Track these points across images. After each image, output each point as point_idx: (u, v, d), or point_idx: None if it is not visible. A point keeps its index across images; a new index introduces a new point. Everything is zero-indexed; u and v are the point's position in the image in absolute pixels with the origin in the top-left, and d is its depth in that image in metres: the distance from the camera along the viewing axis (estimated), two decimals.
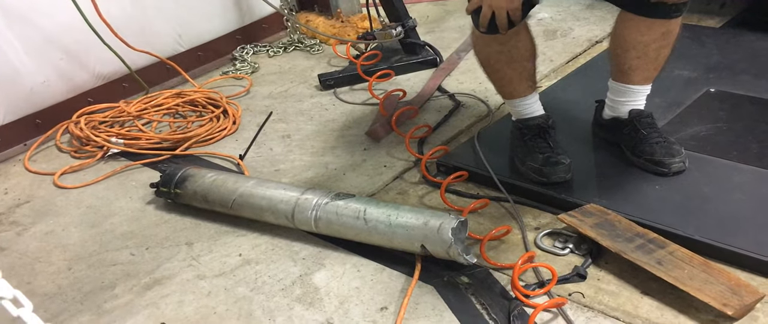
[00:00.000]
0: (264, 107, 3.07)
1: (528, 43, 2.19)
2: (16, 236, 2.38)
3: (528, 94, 2.29)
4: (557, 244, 2.01)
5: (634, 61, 2.17)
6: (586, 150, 2.39)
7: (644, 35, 2.12)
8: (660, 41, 2.13)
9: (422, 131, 2.64)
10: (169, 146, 2.79)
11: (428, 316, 1.81)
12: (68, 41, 2.97)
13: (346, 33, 3.64)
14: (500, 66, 2.23)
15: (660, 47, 2.15)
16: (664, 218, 1.97)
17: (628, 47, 2.16)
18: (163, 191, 2.37)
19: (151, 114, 3.01)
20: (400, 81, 3.14)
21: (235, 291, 1.99)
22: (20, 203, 2.57)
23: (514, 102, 2.31)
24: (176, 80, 3.38)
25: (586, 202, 2.08)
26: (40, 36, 2.89)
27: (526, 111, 2.31)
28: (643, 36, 2.13)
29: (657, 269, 1.77)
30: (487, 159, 2.35)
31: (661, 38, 2.13)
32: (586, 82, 2.87)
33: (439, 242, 1.90)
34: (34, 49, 2.88)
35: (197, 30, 3.47)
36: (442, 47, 3.34)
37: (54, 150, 2.91)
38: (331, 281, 1.99)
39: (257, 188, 2.21)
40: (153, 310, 1.96)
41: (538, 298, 1.81)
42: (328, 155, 2.64)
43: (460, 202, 2.24)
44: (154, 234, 2.30)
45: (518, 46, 2.17)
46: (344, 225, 2.05)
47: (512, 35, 2.10)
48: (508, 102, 2.35)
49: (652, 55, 2.16)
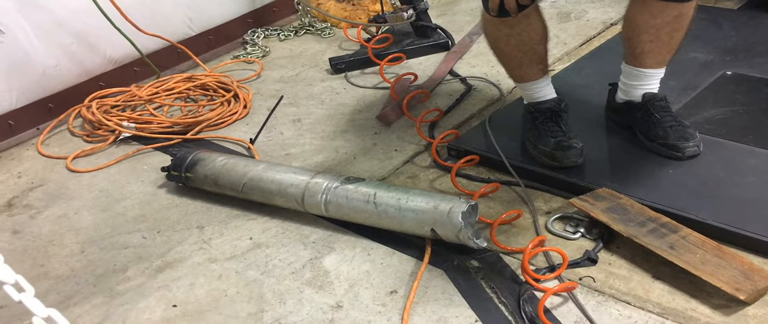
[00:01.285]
0: (275, 91, 3.06)
1: (539, 27, 2.17)
2: (29, 219, 2.39)
3: (539, 78, 2.27)
4: (568, 228, 2.00)
5: (647, 44, 2.15)
6: (599, 134, 2.37)
7: (657, 18, 2.09)
8: (673, 24, 2.10)
9: (433, 115, 2.63)
10: (180, 130, 2.79)
11: (438, 299, 1.81)
12: (79, 25, 2.97)
13: (357, 16, 3.62)
14: (510, 49, 2.21)
15: (673, 30, 2.12)
16: (677, 202, 1.95)
17: (641, 31, 2.13)
18: (175, 175, 2.38)
19: (163, 98, 3.01)
20: (411, 64, 3.13)
21: (246, 274, 2.00)
22: (33, 187, 2.58)
23: (526, 85, 2.29)
24: (187, 64, 3.37)
25: (597, 186, 2.06)
26: (51, 20, 2.90)
27: (538, 94, 2.29)
28: (655, 19, 2.10)
29: (669, 253, 1.76)
30: (499, 143, 2.33)
31: (674, 21, 2.10)
32: (599, 65, 2.85)
33: (449, 226, 1.89)
34: (44, 32, 2.88)
35: (208, 13, 3.47)
36: (454, 30, 3.32)
37: (66, 134, 2.92)
38: (341, 265, 1.99)
39: (267, 172, 2.21)
40: (164, 292, 1.97)
41: (548, 282, 1.80)
42: (339, 139, 2.64)
43: (470, 186, 2.23)
44: (165, 217, 2.31)
45: (528, 29, 2.15)
46: (354, 209, 2.04)
47: (522, 18, 2.08)
48: (520, 85, 2.33)
49: (665, 38, 2.13)
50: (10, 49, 2.79)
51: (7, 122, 2.85)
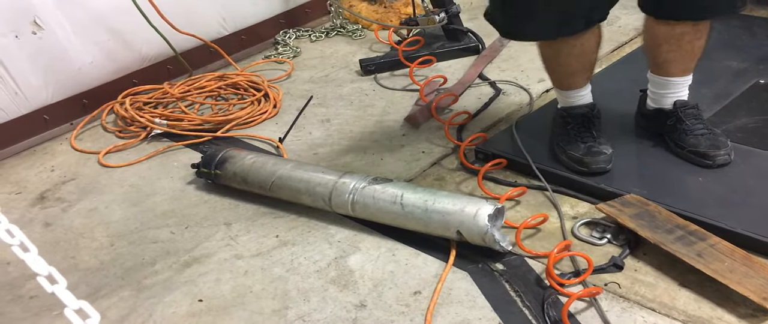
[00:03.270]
0: (304, 91, 3.09)
1: (598, 35, 2.15)
2: (61, 212, 2.44)
3: (585, 85, 2.25)
4: (595, 233, 1.99)
5: (669, 54, 2.12)
6: (629, 140, 2.35)
7: (675, 28, 2.06)
8: (692, 34, 2.07)
9: (462, 118, 2.63)
10: (210, 128, 2.82)
11: (461, 301, 1.81)
12: (116, 23, 3.02)
13: (388, 18, 3.64)
14: (569, 60, 2.17)
15: (693, 39, 2.08)
16: (706, 210, 1.93)
17: (661, 41, 2.11)
18: (204, 172, 2.40)
19: (194, 96, 3.05)
20: (441, 67, 3.13)
21: (272, 271, 2.02)
22: (66, 180, 2.63)
23: (570, 93, 2.26)
24: (219, 63, 3.41)
25: (625, 192, 2.05)
26: (89, 17, 2.95)
27: (578, 101, 2.26)
28: (673, 29, 2.07)
29: (696, 261, 1.74)
30: (526, 147, 2.33)
31: (694, 31, 2.07)
32: (630, 71, 2.82)
33: (475, 228, 1.89)
34: (82, 29, 2.94)
35: (242, 14, 3.50)
36: (484, 34, 3.31)
37: (99, 129, 2.97)
38: (365, 264, 1.99)
39: (296, 171, 2.23)
40: (191, 287, 1.99)
41: (573, 287, 1.79)
42: (367, 140, 2.65)
43: (497, 190, 2.23)
44: (193, 213, 2.34)
45: (591, 38, 2.12)
46: (381, 209, 2.05)
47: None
48: (563, 92, 2.29)
49: (686, 47, 2.09)
50: (48, 45, 2.84)
51: (43, 117, 2.91)
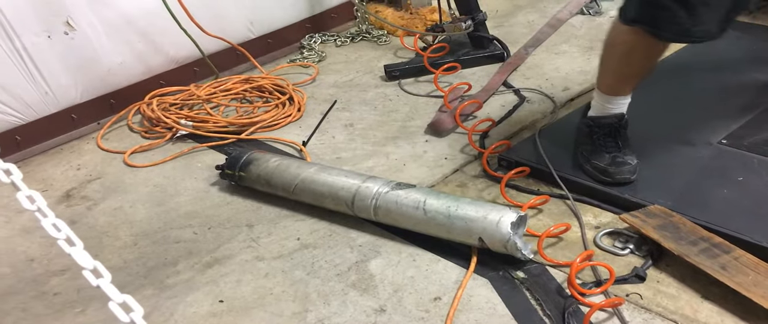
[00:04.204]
0: (329, 96, 3.10)
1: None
2: (86, 210, 2.46)
3: (629, 93, 2.22)
4: (617, 244, 1.98)
5: None
6: (654, 150, 2.33)
7: None
8: None
9: (485, 125, 2.62)
10: (234, 130, 2.84)
11: (481, 308, 1.81)
12: (146, 25, 3.05)
13: (414, 25, 3.64)
14: (642, 63, 2.11)
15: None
16: (731, 223, 1.91)
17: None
18: (228, 173, 2.42)
19: (220, 98, 3.07)
20: (465, 74, 3.13)
21: (292, 274, 2.03)
22: (91, 179, 2.66)
23: (616, 99, 2.22)
24: (245, 66, 3.43)
25: (649, 203, 2.04)
26: (121, 19, 2.98)
27: (617, 109, 2.23)
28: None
29: (720, 274, 1.73)
30: (550, 155, 2.32)
31: None
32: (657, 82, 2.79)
33: (497, 236, 1.89)
34: (114, 31, 2.97)
35: (269, 18, 3.53)
36: (510, 42, 3.31)
37: (125, 129, 3.00)
38: (386, 269, 2.00)
39: (319, 174, 2.24)
40: (212, 287, 2.01)
41: (594, 297, 1.79)
42: (390, 145, 2.66)
43: (519, 198, 2.23)
44: (216, 215, 2.35)
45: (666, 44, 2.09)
46: (403, 214, 2.05)
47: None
48: (605, 96, 2.23)
49: None
50: (79, 46, 2.88)
51: (71, 116, 2.95)
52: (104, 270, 1.04)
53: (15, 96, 2.76)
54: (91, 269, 1.09)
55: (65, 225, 1.13)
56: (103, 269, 1.10)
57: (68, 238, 1.11)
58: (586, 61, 3.12)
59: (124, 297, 1.06)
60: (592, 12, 3.60)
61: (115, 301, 1.05)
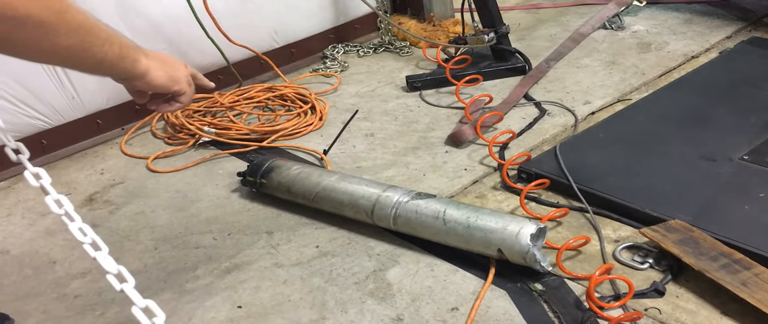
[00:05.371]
0: (350, 105, 3.12)
1: None
2: (108, 214, 2.50)
3: None
4: (637, 258, 1.97)
5: None
6: (675, 164, 2.32)
7: None
8: None
9: (505, 137, 2.63)
10: (256, 138, 2.87)
11: (499, 320, 1.81)
12: (173, 32, 3.09)
13: (436, 36, 3.65)
14: None
15: None
16: (753, 239, 1.90)
17: None
18: (250, 180, 2.44)
19: (243, 106, 3.10)
20: (487, 86, 3.13)
21: (310, 281, 2.04)
22: (114, 184, 2.69)
23: None
24: (268, 75, 3.46)
25: (670, 217, 2.02)
26: (149, 25, 3.02)
27: None
28: None
29: (740, 290, 1.72)
30: (570, 168, 2.32)
31: None
32: (678, 96, 2.80)
33: (516, 247, 1.89)
34: (141, 36, 2.98)
35: (293, 28, 3.55)
36: (531, 55, 3.31)
37: (149, 135, 3.03)
38: (404, 278, 2.00)
39: (340, 183, 2.25)
40: (231, 293, 2.02)
41: (612, 310, 1.78)
42: (410, 155, 2.66)
43: (539, 210, 2.22)
44: (236, 221, 2.37)
45: None
46: (423, 224, 2.06)
47: None
48: None
49: None
50: None
51: (96, 121, 2.99)
52: (128, 275, 1.06)
53: (43, 101, 2.80)
54: (115, 273, 1.10)
55: (91, 230, 1.14)
56: (127, 274, 1.12)
57: (94, 242, 1.12)
58: (608, 75, 3.12)
59: (146, 302, 1.07)
60: (614, 27, 3.60)
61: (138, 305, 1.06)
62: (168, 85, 1.37)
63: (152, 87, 1.36)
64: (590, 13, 3.71)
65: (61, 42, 1.11)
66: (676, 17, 3.65)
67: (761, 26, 3.45)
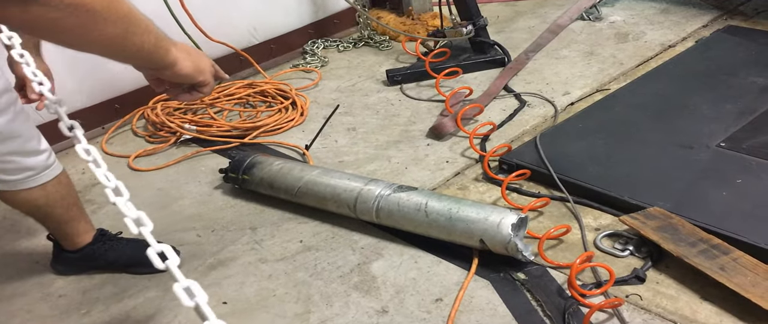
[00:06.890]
0: (331, 100, 3.12)
1: None
2: (91, 214, 2.46)
3: None
4: (617, 245, 1.99)
5: None
6: (653, 152, 2.35)
7: None
8: None
9: (486, 129, 2.64)
10: (238, 134, 2.87)
11: (483, 309, 1.83)
12: None
13: (415, 30, 3.67)
14: None
15: None
16: (730, 225, 1.93)
17: None
18: (232, 177, 2.44)
19: (223, 103, 3.10)
20: (467, 79, 3.15)
21: (295, 275, 2.04)
22: (96, 183, 2.68)
23: None
24: (248, 71, 3.46)
25: (649, 204, 2.05)
26: None
27: None
28: None
29: (719, 275, 1.74)
30: (550, 158, 2.34)
31: None
32: (655, 86, 2.83)
33: (498, 237, 1.91)
34: None
35: (272, 24, 3.55)
36: (510, 47, 3.33)
37: (129, 134, 3.02)
38: (388, 271, 2.02)
39: (322, 177, 2.26)
40: (216, 289, 2.03)
41: (594, 297, 1.80)
42: (392, 149, 2.68)
43: (520, 200, 2.24)
44: (220, 217, 2.37)
45: None
46: (405, 217, 2.07)
47: None
48: None
49: None
50: None
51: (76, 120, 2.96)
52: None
53: None
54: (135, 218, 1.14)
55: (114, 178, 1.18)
56: (147, 219, 1.15)
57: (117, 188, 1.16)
58: (586, 65, 3.14)
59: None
60: (592, 17, 3.63)
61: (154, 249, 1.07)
62: (194, 76, 1.39)
63: (178, 77, 1.37)
64: (568, 5, 3.74)
65: (108, 30, 1.15)
66: (653, 7, 3.69)
67: (737, 15, 3.49)
